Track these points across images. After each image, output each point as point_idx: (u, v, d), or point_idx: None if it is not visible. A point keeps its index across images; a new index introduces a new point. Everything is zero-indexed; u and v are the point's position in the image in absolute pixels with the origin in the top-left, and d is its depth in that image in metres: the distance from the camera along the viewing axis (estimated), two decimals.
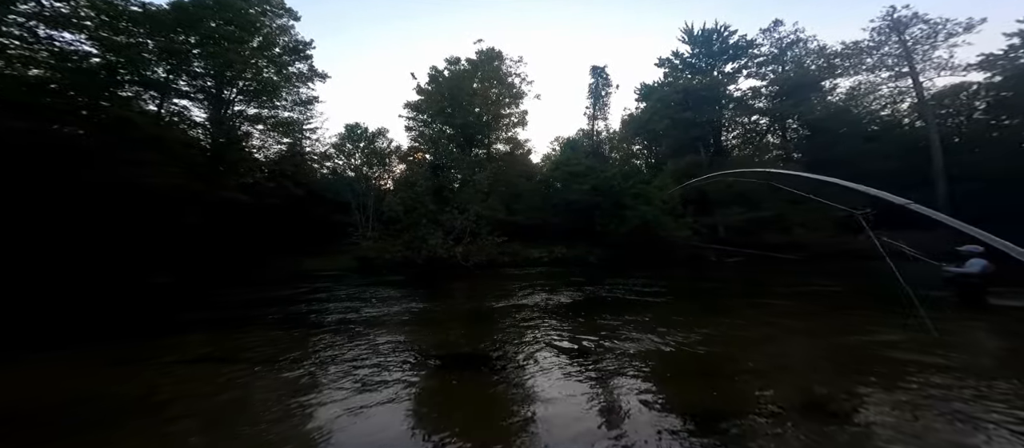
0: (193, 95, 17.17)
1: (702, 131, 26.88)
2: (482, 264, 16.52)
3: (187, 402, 3.79)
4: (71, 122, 13.28)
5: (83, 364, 4.99)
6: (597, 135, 29.69)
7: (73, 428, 3.30)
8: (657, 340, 5.58)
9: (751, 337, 5.87)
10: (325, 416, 3.40)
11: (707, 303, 8.92)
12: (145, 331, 6.92)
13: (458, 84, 23.68)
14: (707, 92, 27.50)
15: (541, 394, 3.83)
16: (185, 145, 16.11)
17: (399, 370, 4.54)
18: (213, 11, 16.36)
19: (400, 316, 7.57)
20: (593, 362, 4.75)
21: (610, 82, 29.40)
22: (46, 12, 11.94)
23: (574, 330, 6.29)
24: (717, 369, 4.56)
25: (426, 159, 24.12)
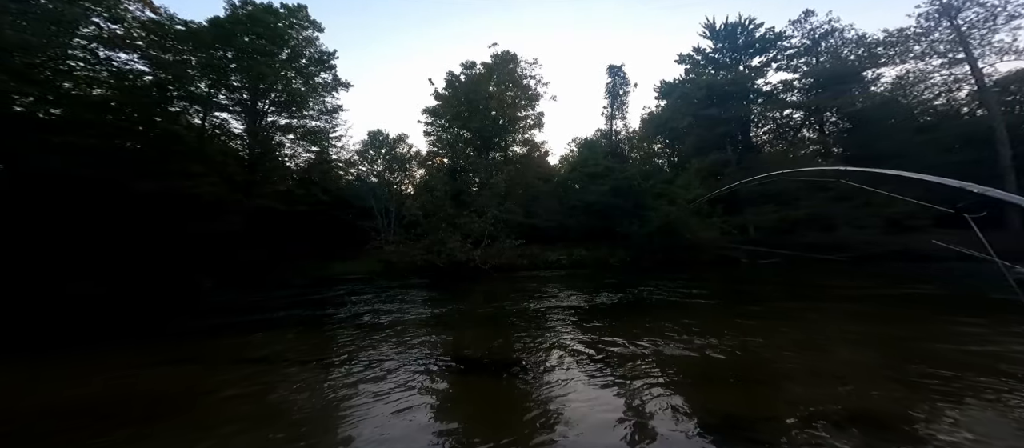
0: (231, 108, 18.37)
1: (728, 127, 25.75)
2: (501, 267, 16.59)
3: (229, 400, 4.05)
4: (129, 137, 14.53)
5: (137, 362, 5.45)
6: (615, 135, 29.15)
7: (129, 421, 3.61)
8: (685, 345, 5.43)
9: (792, 342, 5.62)
10: (357, 417, 3.52)
11: (740, 306, 8.57)
12: (194, 331, 7.48)
13: (474, 88, 23.87)
14: (733, 87, 26.35)
15: (565, 399, 3.78)
16: (226, 156, 17.24)
17: (425, 373, 4.63)
18: (246, 26, 17.35)
19: (424, 319, 7.77)
20: (618, 367, 4.66)
21: (628, 81, 28.79)
22: (105, 34, 13.15)
23: (596, 334, 6.22)
24: (755, 376, 4.38)
25: (445, 163, 24.53)
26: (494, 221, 17.86)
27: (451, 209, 18.85)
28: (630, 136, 29.77)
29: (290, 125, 20.35)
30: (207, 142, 16.53)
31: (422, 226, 18.42)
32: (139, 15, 13.59)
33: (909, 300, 8.53)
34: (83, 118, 12.54)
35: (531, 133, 26.86)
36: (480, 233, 17.57)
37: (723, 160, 22.73)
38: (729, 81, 26.37)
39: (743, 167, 21.62)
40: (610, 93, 28.46)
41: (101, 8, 12.28)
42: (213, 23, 16.59)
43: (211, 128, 17.96)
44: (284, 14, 18.62)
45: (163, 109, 15.33)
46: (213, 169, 15.35)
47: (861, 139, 21.91)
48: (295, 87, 19.43)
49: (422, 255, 17.10)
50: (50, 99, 12.60)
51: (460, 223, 17.71)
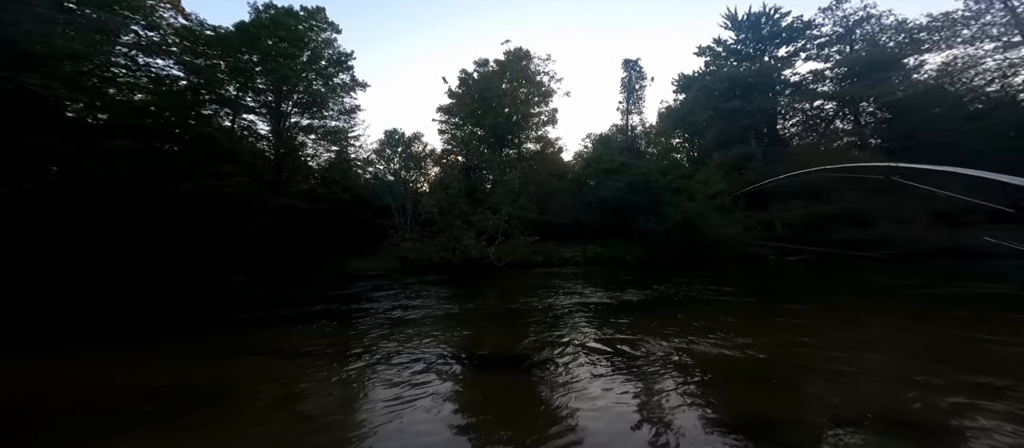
0: (257, 110, 19.19)
1: (752, 120, 24.69)
2: (515, 264, 16.55)
3: (258, 393, 4.21)
4: (167, 140, 15.41)
5: (176, 355, 5.76)
6: (631, 130, 28.53)
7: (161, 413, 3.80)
8: (707, 343, 5.23)
9: (824, 342, 5.26)
10: (378, 412, 3.57)
11: (766, 305, 8.24)
12: (228, 325, 7.89)
13: (487, 85, 23.92)
14: (757, 79, 25.25)
15: (582, 396, 3.72)
16: (254, 156, 18.00)
17: (444, 369, 4.65)
18: (269, 30, 18.01)
19: (440, 315, 7.88)
20: (637, 365, 4.55)
21: (644, 75, 28.11)
22: (143, 41, 14.01)
23: (614, 332, 6.10)
24: (781, 376, 4.17)
25: (459, 161, 24.74)
26: (508, 218, 17.84)
27: (466, 206, 18.97)
28: (647, 131, 29.08)
29: (311, 125, 21.07)
30: (237, 143, 17.32)
31: (437, 223, 18.64)
32: (173, 22, 14.41)
33: (961, 299, 7.84)
34: (126, 122, 13.40)
35: (545, 130, 26.75)
36: (494, 230, 17.60)
37: (747, 154, 21.78)
38: (753, 73, 25.28)
39: (770, 161, 20.64)
40: (626, 88, 27.90)
41: (139, 16, 13.09)
42: (239, 28, 17.35)
43: (240, 130, 18.83)
44: (304, 17, 19.21)
45: (197, 112, 16.18)
46: (243, 169, 16.05)
47: (903, 129, 20.47)
48: (315, 88, 20.07)
49: (438, 252, 17.30)
50: (97, 105, 13.53)
51: (474, 220, 17.79)
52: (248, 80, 17.97)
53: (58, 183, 12.03)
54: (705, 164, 21.53)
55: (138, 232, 13.11)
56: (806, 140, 25.15)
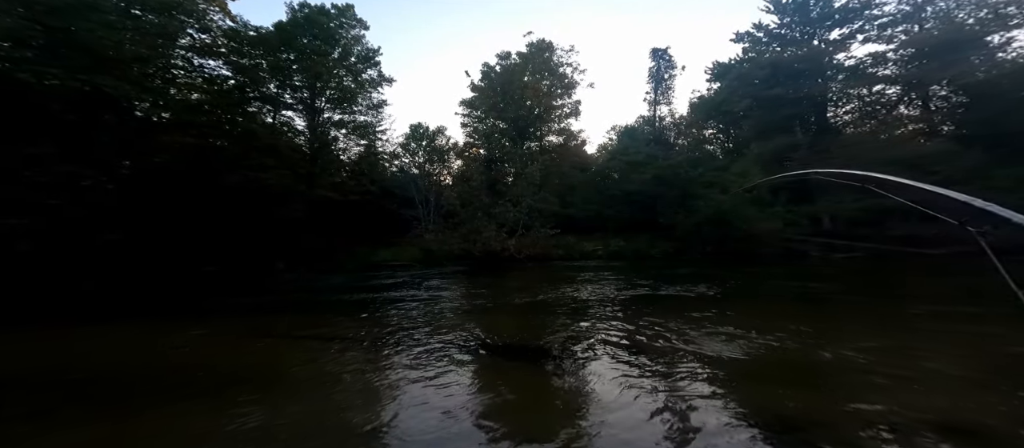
0: (294, 106, 20.42)
1: (798, 108, 22.74)
2: (535, 257, 16.45)
3: (293, 373, 4.48)
4: (218, 135, 16.76)
5: (226, 333, 6.24)
6: (659, 121, 27.28)
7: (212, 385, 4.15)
8: (737, 342, 4.91)
9: (873, 346, 4.73)
10: (402, 397, 3.67)
11: (807, 304, 7.63)
12: (271, 307, 8.44)
13: (509, 78, 23.86)
14: (804, 64, 23.17)
15: (603, 390, 3.65)
16: (292, 150, 19.16)
17: (461, 357, 4.71)
18: (304, 28, 19.01)
19: (462, 306, 8.00)
20: (659, 361, 4.38)
21: (673, 64, 26.72)
22: (197, 44, 15.32)
23: (636, 327, 5.88)
24: (820, 378, 3.84)
25: (480, 154, 24.89)
26: (528, 211, 17.73)
27: (486, 198, 19.08)
28: (677, 122, 27.69)
29: (342, 120, 22.08)
30: (277, 137, 18.51)
31: (459, 215, 18.91)
32: (221, 24, 15.62)
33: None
34: (185, 119, 14.70)
35: (567, 122, 26.32)
36: (514, 223, 17.57)
37: (791, 144, 20.07)
38: (800, 58, 23.22)
39: (818, 151, 18.92)
40: (653, 77, 26.72)
41: (193, 20, 14.31)
42: (278, 27, 18.46)
43: (280, 125, 20.12)
44: (335, 14, 20.04)
45: (244, 109, 17.45)
46: (282, 162, 17.16)
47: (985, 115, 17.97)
48: (346, 84, 20.98)
49: (459, 244, 17.56)
50: (160, 104, 14.95)
51: (495, 212, 17.86)
52: (286, 78, 19.13)
53: (129, 176, 13.37)
54: (742, 155, 20.10)
55: (198, 220, 14.34)
56: (863, 128, 22.78)
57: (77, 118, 11.26)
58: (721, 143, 27.41)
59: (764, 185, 16.74)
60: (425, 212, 23.55)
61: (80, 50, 10.34)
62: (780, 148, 20.02)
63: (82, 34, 10.29)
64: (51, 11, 9.77)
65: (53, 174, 9.57)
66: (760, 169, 17.85)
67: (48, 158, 9.62)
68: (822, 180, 11.60)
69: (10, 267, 9.02)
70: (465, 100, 26.03)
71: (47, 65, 9.84)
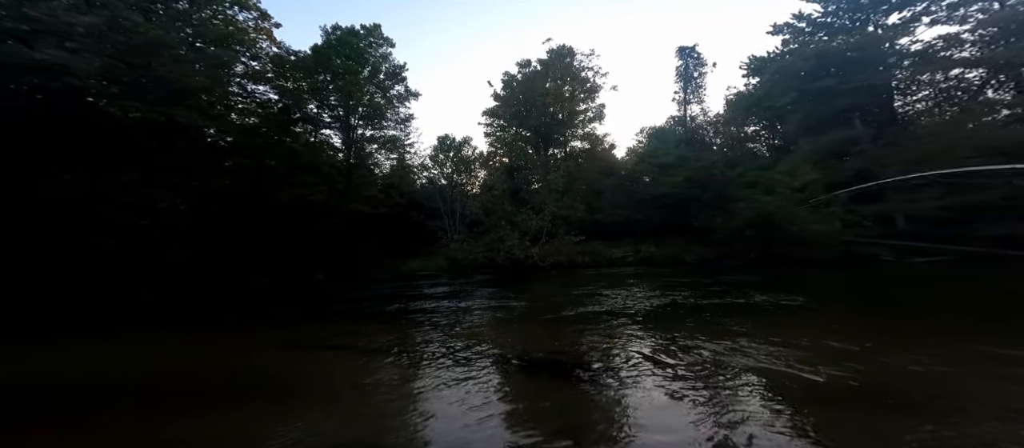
0: (331, 124, 21.89)
1: (855, 99, 20.52)
2: (560, 264, 15.92)
3: (329, 381, 4.62)
4: (270, 156, 18.16)
5: (272, 343, 6.49)
6: (691, 121, 25.89)
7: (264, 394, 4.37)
8: (789, 356, 4.32)
9: (963, 366, 3.94)
10: (435, 406, 3.67)
11: (877, 315, 6.56)
12: (316, 317, 8.88)
13: (530, 86, 23.99)
14: (859, 52, 21.05)
15: (635, 405, 3.41)
16: (330, 167, 20.39)
17: (491, 368, 4.64)
18: (337, 49, 20.43)
19: (488, 315, 7.96)
20: (700, 376, 3.98)
21: (703, 61, 25.47)
22: (249, 71, 16.94)
23: (672, 339, 5.39)
24: (894, 401, 3.23)
25: (503, 163, 24.98)
26: (552, 218, 17.33)
27: (509, 207, 18.95)
28: (712, 121, 26.15)
29: (373, 136, 23.29)
30: (317, 156, 19.81)
31: (483, 224, 18.92)
32: (268, 51, 17.26)
33: None
34: (242, 143, 16.13)
35: (592, 126, 25.87)
36: (538, 230, 17.22)
37: (850, 137, 18.01)
38: (852, 46, 21.13)
39: (886, 144, 16.78)
40: (681, 76, 25.61)
41: (245, 48, 15.94)
42: (314, 50, 20.03)
43: (319, 143, 21.59)
44: (363, 34, 21.41)
45: (290, 130, 18.91)
46: (322, 179, 18.28)
47: None
48: (376, 101, 22.20)
49: (483, 252, 17.51)
50: (223, 130, 16.51)
51: (518, 221, 17.65)
52: (324, 98, 20.61)
53: (197, 197, 14.75)
54: (789, 152, 18.30)
55: (252, 236, 15.48)
56: (944, 115, 20.04)
57: (155, 146, 12.64)
58: (765, 140, 25.35)
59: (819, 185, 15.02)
60: (450, 222, 23.87)
61: (157, 84, 11.67)
62: (836, 143, 17.99)
63: (158, 69, 11.61)
64: (133, 50, 11.14)
65: (138, 198, 10.71)
66: (812, 166, 16.11)
67: (133, 184, 10.79)
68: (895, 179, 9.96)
69: (101, 281, 10.08)
70: (488, 110, 26.54)
71: (131, 99, 11.22)
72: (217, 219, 14.45)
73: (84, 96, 11.15)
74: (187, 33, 13.80)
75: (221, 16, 15.32)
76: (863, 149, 17.42)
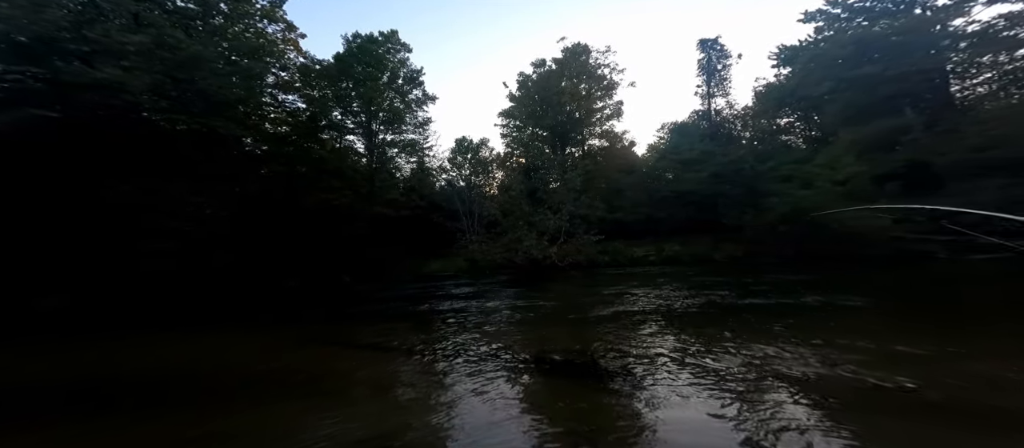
0: (354, 130, 22.73)
1: (904, 85, 18.94)
2: (579, 264, 15.58)
3: (355, 379, 4.76)
4: (299, 163, 19.07)
5: (301, 340, 6.77)
6: (716, 115, 24.80)
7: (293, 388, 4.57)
8: (838, 361, 4.04)
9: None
10: (458, 408, 3.70)
11: (932, 316, 6.08)
12: (341, 317, 9.17)
13: (546, 85, 23.87)
14: (906, 37, 19.51)
15: (660, 411, 3.29)
16: (354, 172, 21.12)
17: (505, 367, 4.64)
18: (358, 57, 21.12)
19: (504, 315, 7.95)
20: (733, 380, 3.78)
21: (727, 53, 24.46)
22: (280, 82, 17.89)
23: (698, 339, 5.18)
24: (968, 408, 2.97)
25: (520, 163, 24.90)
26: (570, 217, 17.03)
27: (527, 207, 18.81)
28: (739, 114, 24.96)
29: (394, 140, 23.97)
30: (342, 161, 20.58)
31: (501, 225, 18.88)
32: (295, 61, 18.22)
33: None
34: (275, 151, 17.04)
35: (610, 124, 25.47)
36: (555, 230, 16.96)
37: (900, 126, 16.57)
38: (897, 29, 19.60)
39: (942, 132, 15.31)
40: (704, 69, 24.69)
41: (274, 59, 16.91)
42: (337, 59, 20.80)
43: (344, 149, 22.47)
44: (382, 41, 22.05)
45: (317, 137, 19.78)
46: (346, 184, 18.92)
47: None
48: (395, 106, 22.82)
49: (501, 253, 17.44)
50: (258, 138, 17.51)
51: (535, 220, 17.48)
52: (346, 105, 21.45)
53: (238, 204, 15.62)
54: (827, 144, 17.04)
55: (283, 239, 16.22)
56: (1010, 99, 18.12)
57: (201, 156, 13.37)
58: (802, 132, 23.86)
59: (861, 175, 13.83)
60: (469, 223, 24.00)
61: (199, 97, 12.47)
62: (883, 132, 16.57)
63: (200, 82, 12.37)
64: (178, 65, 11.87)
65: (186, 205, 11.44)
66: (855, 158, 14.93)
67: (182, 192, 11.51)
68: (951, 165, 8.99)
69: (155, 283, 10.85)
70: (503, 111, 26.64)
71: (178, 112, 12.08)
72: (254, 224, 15.21)
73: (139, 111, 12.11)
74: (223, 47, 14.70)
75: (252, 29, 16.31)
76: (915, 138, 15.93)
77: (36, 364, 5.84)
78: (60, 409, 4.11)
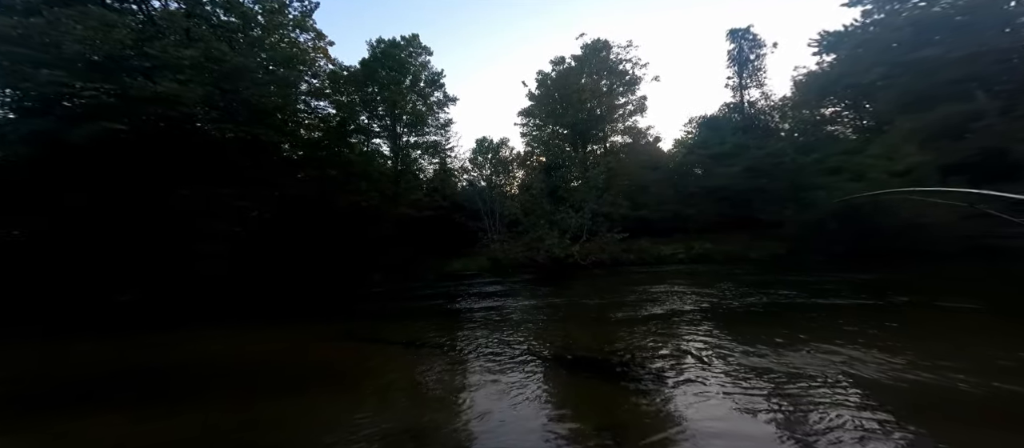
0: (380, 134, 23.46)
1: (973, 68, 17.01)
2: (602, 263, 15.11)
3: (383, 372, 4.98)
4: (330, 166, 19.84)
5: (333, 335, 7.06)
6: (750, 107, 23.35)
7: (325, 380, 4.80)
8: (900, 365, 3.78)
9: None
10: (482, 404, 3.72)
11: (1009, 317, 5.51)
12: (370, 313, 9.50)
13: (565, 83, 23.52)
14: (973, 15, 17.62)
15: (687, 413, 3.20)
16: (381, 174, 21.72)
17: (528, 364, 4.65)
18: (382, 62, 21.73)
19: (527, 313, 7.97)
20: (768, 383, 3.62)
21: (761, 43, 23.02)
22: (312, 89, 18.76)
23: (733, 340, 4.93)
24: None
25: (541, 162, 24.61)
26: (592, 215, 16.57)
27: (548, 205, 18.54)
28: (777, 105, 23.36)
29: (417, 142, 24.48)
30: (369, 164, 21.24)
31: (522, 224, 18.70)
32: (325, 68, 19.07)
33: None
34: (309, 155, 17.81)
35: (633, 120, 24.72)
36: (578, 228, 16.56)
37: (969, 112, 14.84)
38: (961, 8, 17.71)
39: (1020, 116, 13.60)
40: (735, 61, 23.39)
41: (306, 67, 17.80)
42: (363, 64, 21.47)
43: (371, 152, 23.21)
44: (404, 45, 22.52)
45: (346, 142, 20.54)
46: (373, 186, 19.49)
47: None
48: (418, 108, 23.29)
49: (523, 252, 17.29)
50: (295, 144, 18.40)
51: (557, 219, 17.19)
52: (372, 109, 22.19)
53: (278, 207, 16.33)
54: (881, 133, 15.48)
55: (318, 240, 16.91)
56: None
57: (248, 162, 14.12)
58: (851, 121, 21.94)
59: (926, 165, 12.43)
60: (491, 223, 23.97)
61: (243, 106, 13.21)
62: (950, 118, 14.87)
63: (243, 93, 13.10)
64: (225, 77, 12.53)
65: (233, 208, 12.21)
66: (917, 146, 13.51)
67: (230, 197, 12.26)
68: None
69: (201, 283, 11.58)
70: (523, 110, 26.49)
71: (225, 122, 12.85)
72: (292, 225, 15.97)
73: (193, 121, 13.01)
74: (262, 58, 15.60)
75: (286, 39, 17.25)
76: (989, 124, 14.15)
77: (114, 353, 6.40)
78: (136, 393, 4.49)
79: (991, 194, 2.71)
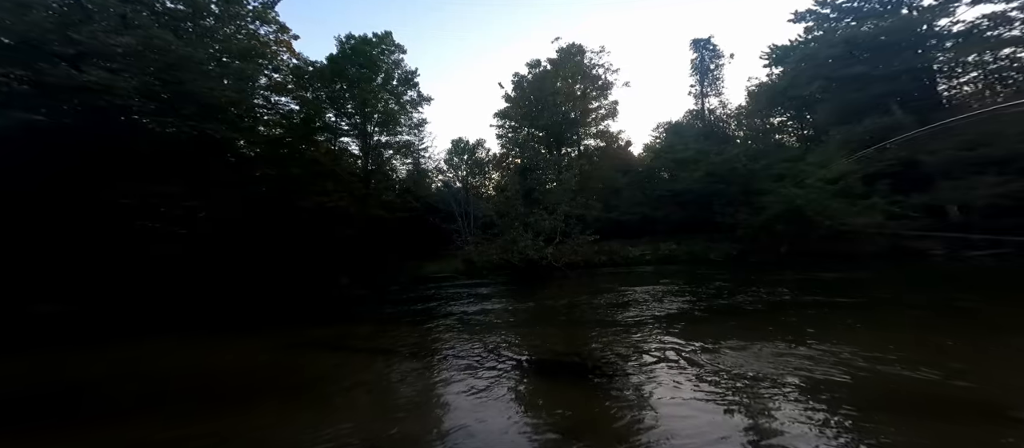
0: (349, 132, 22.49)
1: (892, 85, 19.33)
2: (576, 265, 15.56)
3: (353, 381, 4.74)
4: (293, 165, 18.76)
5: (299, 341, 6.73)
6: (710, 114, 25.12)
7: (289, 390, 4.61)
8: (835, 359, 4.14)
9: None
10: (451, 409, 3.72)
11: (927, 313, 6.20)
12: (338, 318, 9.08)
13: (541, 85, 23.92)
14: (893, 36, 19.95)
15: (655, 412, 3.32)
16: (350, 174, 20.83)
17: (501, 368, 4.63)
18: (351, 59, 20.92)
19: (500, 316, 7.95)
20: (725, 381, 3.84)
21: (720, 53, 24.77)
22: (272, 83, 17.61)
23: (692, 339, 5.21)
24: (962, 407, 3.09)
25: (517, 164, 24.85)
26: (565, 217, 17.00)
27: (522, 207, 18.73)
28: (733, 113, 25.29)
29: (389, 142, 23.76)
30: (336, 163, 20.31)
31: (497, 226, 18.77)
32: (288, 62, 17.96)
33: None
34: (268, 153, 16.74)
35: (606, 124, 25.60)
36: (551, 230, 16.91)
37: (889, 124, 16.90)
38: (884, 30, 20.00)
39: (941, 127, 15.62)
40: (697, 69, 25.02)
41: (267, 61, 16.66)
42: (330, 60, 20.56)
43: (339, 151, 22.20)
44: (376, 42, 21.82)
45: (311, 139, 19.52)
46: (341, 186, 18.67)
47: None
48: (390, 107, 22.62)
49: (498, 254, 17.33)
50: (252, 141, 17.23)
51: (531, 221, 17.41)
52: (341, 107, 21.22)
53: (234, 207, 14.89)
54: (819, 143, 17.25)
55: (280, 242, 15.93)
56: (996, 97, 18.57)
57: (194, 159, 13.16)
58: (793, 131, 24.23)
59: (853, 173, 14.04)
60: (465, 225, 23.85)
61: (189, 99, 12.16)
62: (874, 130, 16.86)
63: (189, 85, 12.04)
64: (167, 67, 11.54)
65: (181, 208, 11.26)
66: (848, 156, 15.18)
67: (178, 195, 11.34)
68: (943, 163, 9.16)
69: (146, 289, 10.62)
70: (499, 111, 26.59)
71: (166, 115, 11.79)
72: (249, 227, 14.95)
73: (129, 113, 11.79)
74: (215, 49, 14.40)
75: (244, 31, 16.04)
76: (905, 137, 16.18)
77: (28, 371, 5.67)
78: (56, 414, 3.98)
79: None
